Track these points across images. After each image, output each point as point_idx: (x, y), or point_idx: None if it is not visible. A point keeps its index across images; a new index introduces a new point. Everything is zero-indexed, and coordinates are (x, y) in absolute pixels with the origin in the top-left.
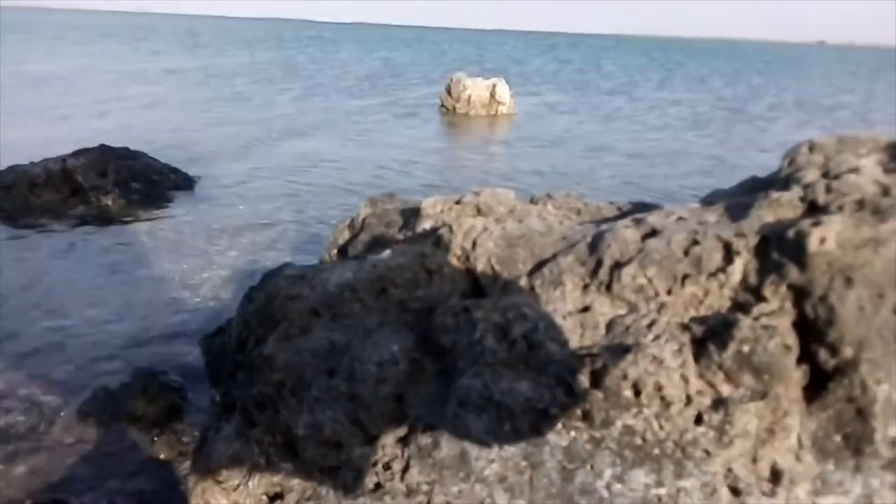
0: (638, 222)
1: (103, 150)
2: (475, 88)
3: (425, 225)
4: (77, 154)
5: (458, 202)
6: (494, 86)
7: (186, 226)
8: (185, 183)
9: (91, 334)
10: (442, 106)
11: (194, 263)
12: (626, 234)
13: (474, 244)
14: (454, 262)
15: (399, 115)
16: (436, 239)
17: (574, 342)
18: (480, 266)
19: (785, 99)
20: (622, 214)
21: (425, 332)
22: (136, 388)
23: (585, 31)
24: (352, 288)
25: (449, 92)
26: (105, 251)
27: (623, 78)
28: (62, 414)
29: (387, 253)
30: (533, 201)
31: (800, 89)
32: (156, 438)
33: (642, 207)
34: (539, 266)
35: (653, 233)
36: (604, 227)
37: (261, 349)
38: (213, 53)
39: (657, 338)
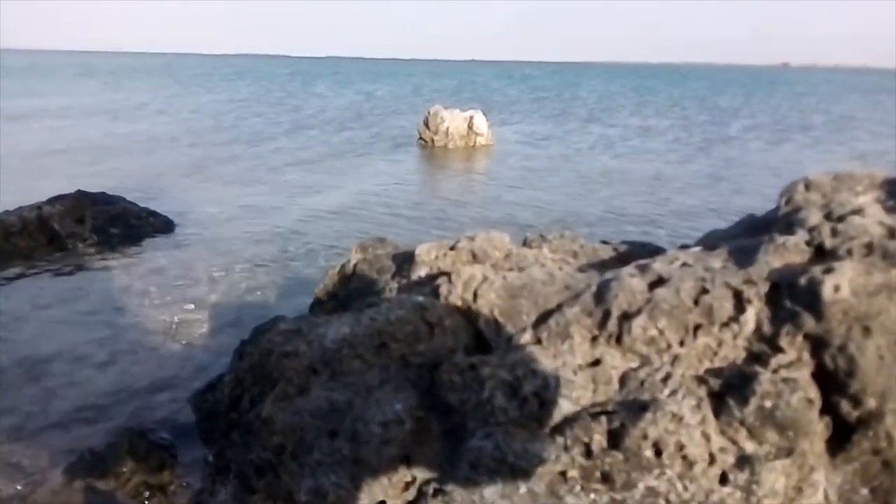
0: (643, 270)
1: (80, 195)
2: (453, 120)
3: (420, 272)
4: (53, 201)
5: (452, 248)
6: (472, 117)
7: (166, 271)
8: (164, 226)
9: (74, 390)
10: (420, 139)
11: (176, 310)
12: (633, 283)
13: (475, 295)
14: (455, 314)
15: (378, 149)
16: (434, 290)
17: (587, 398)
18: (483, 318)
19: (758, 120)
20: (619, 256)
21: (429, 388)
22: (123, 449)
23: (556, 60)
24: (350, 344)
25: (427, 124)
26: (84, 300)
27: (597, 105)
28: (48, 478)
29: (384, 305)
30: (526, 243)
31: (770, 110)
32: (146, 502)
33: (639, 248)
34: (544, 317)
35: (659, 281)
36: (608, 275)
37: (258, 410)
38: (189, 90)
39: (674, 393)
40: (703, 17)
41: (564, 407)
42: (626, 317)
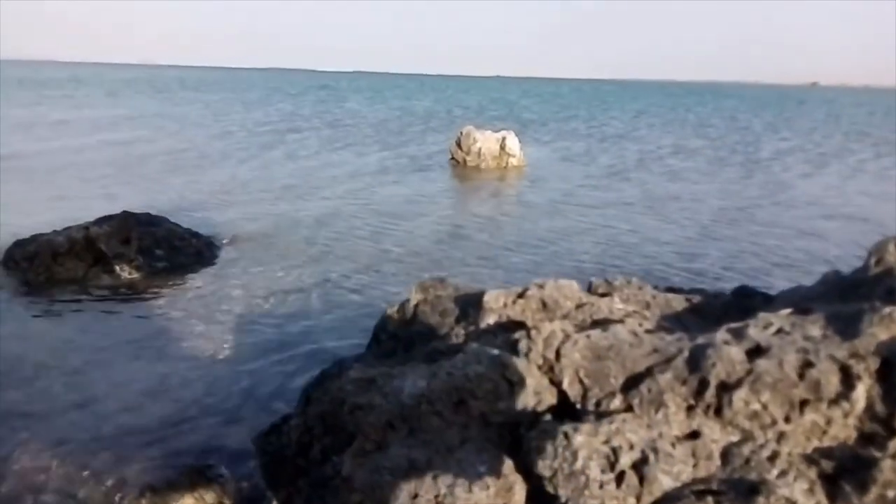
0: (738, 336)
1: (126, 216)
2: (485, 141)
3: (489, 320)
4: (100, 221)
5: (521, 296)
6: (504, 138)
7: (212, 295)
8: (207, 248)
9: (125, 418)
10: (452, 158)
11: (223, 337)
12: (731, 352)
13: (558, 354)
14: (536, 372)
15: (410, 169)
16: (512, 344)
17: (688, 474)
18: (567, 379)
19: (793, 143)
20: (693, 308)
21: (511, 449)
22: (184, 485)
23: (581, 77)
24: (428, 399)
25: (459, 145)
26: (131, 324)
27: (627, 124)
28: None
29: (460, 358)
30: (592, 290)
31: (803, 131)
32: None
33: (712, 298)
34: (633, 382)
35: (758, 350)
36: (700, 340)
37: (335, 464)
38: (217, 106)
39: (784, 473)
40: (730, 36)
41: (665, 482)
42: (725, 388)
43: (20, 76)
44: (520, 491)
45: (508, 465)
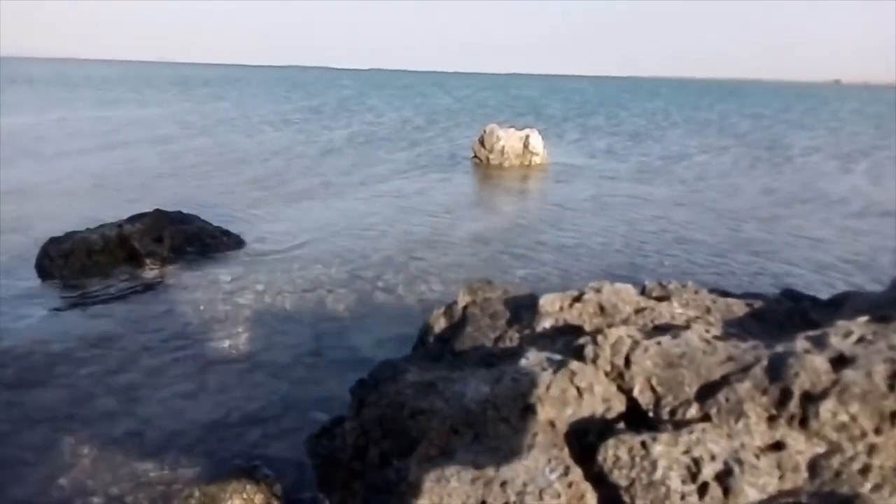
0: (818, 344)
1: (158, 214)
2: (508, 139)
3: (545, 324)
4: (133, 219)
5: (577, 299)
6: (528, 136)
7: (244, 294)
8: (237, 245)
9: (166, 420)
10: (475, 157)
11: (257, 336)
12: (815, 362)
13: (627, 361)
14: (603, 378)
15: (434, 168)
16: (576, 350)
17: (773, 486)
18: (638, 386)
19: (818, 142)
20: (754, 313)
21: (581, 457)
22: (232, 485)
23: (598, 74)
24: (494, 405)
25: (482, 143)
26: (166, 323)
27: (649, 122)
28: None
29: (523, 363)
30: (646, 293)
31: (827, 130)
32: None
33: (774, 304)
34: (708, 390)
35: (841, 359)
36: (778, 348)
37: (395, 469)
38: (245, 103)
39: (878, 487)
40: (750, 33)
41: (750, 494)
42: (810, 398)
43: (34, 74)
44: (591, 500)
45: (578, 472)
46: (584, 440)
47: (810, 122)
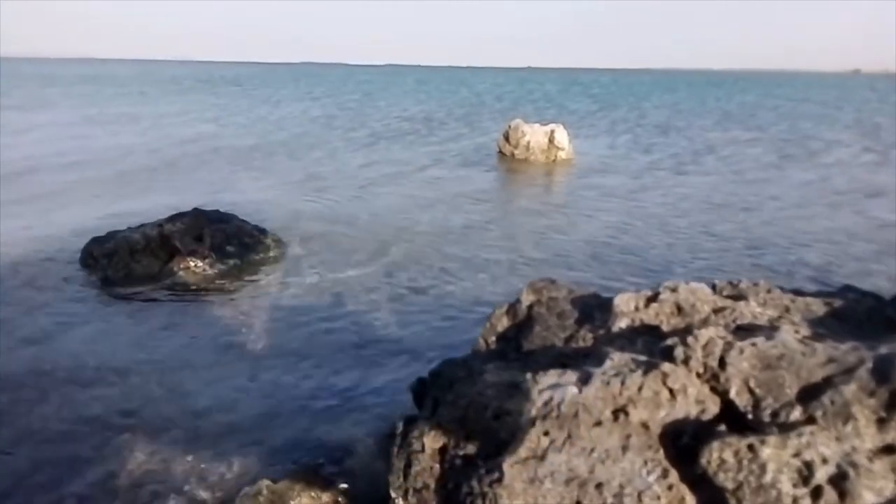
0: None
1: (197, 213)
2: (533, 134)
3: (620, 324)
4: (173, 219)
5: (653, 299)
6: (553, 131)
7: (284, 291)
8: (275, 244)
9: (221, 416)
10: (500, 152)
11: (303, 331)
12: None
13: (722, 362)
14: (696, 380)
15: (460, 164)
16: (665, 351)
17: (890, 490)
18: (735, 388)
19: (846, 133)
20: (834, 312)
21: (676, 459)
22: (299, 483)
23: (613, 66)
24: (585, 407)
25: (507, 138)
26: (210, 320)
27: (671, 115)
28: None
29: (609, 364)
30: (717, 291)
31: (853, 121)
32: None
33: (853, 303)
34: (810, 392)
35: None
36: (882, 349)
37: (480, 471)
38: (268, 100)
39: None
40: (769, 23)
41: (868, 499)
42: None
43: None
44: (691, 502)
45: (674, 474)
46: (679, 442)
47: (832, 113)
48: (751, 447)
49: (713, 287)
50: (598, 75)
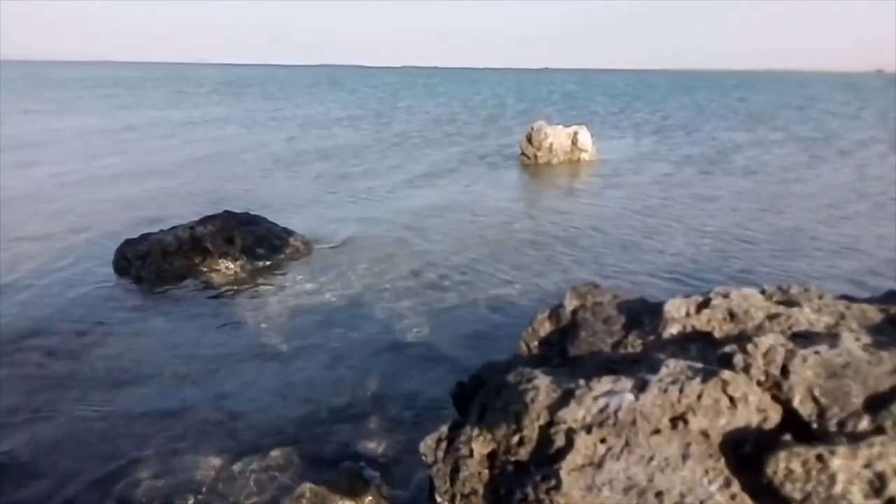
0: None
1: (227, 216)
2: (556, 136)
3: (672, 330)
4: (204, 221)
5: (705, 305)
6: (576, 133)
7: (315, 293)
8: (304, 246)
9: (258, 418)
10: (522, 154)
11: (335, 333)
12: None
13: (785, 371)
14: (757, 388)
15: (483, 166)
16: (723, 359)
17: None
18: (798, 397)
19: (872, 133)
20: (890, 319)
21: (738, 468)
22: (341, 487)
23: (630, 67)
24: (643, 414)
25: (529, 140)
26: (244, 321)
27: (694, 116)
28: None
29: (664, 371)
30: (766, 296)
31: (880, 120)
32: None
33: None
34: (878, 402)
35: None
36: None
37: (536, 479)
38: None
39: None
40: (789, 22)
41: None
42: None
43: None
44: None
45: (737, 484)
46: (740, 451)
47: (856, 113)
48: (820, 457)
49: (762, 292)
50: (614, 76)
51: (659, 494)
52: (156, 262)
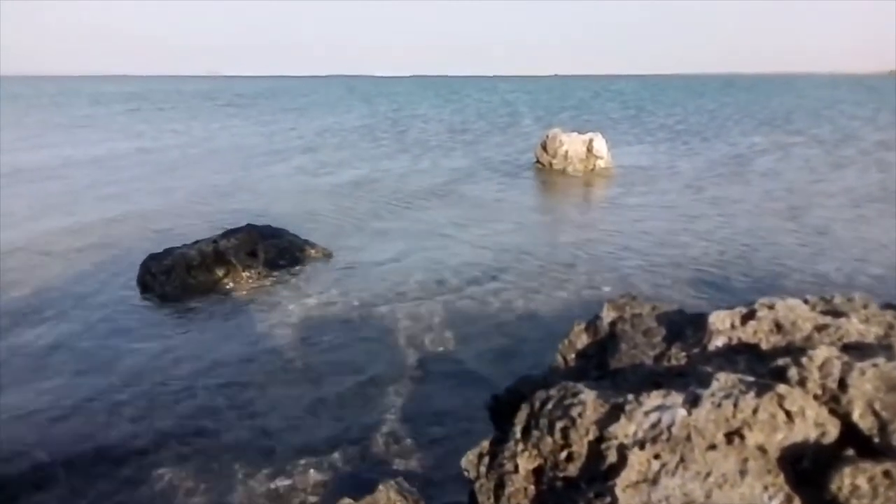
0: None
1: (250, 229)
2: (572, 144)
3: (717, 342)
4: (227, 235)
5: (750, 316)
6: (591, 140)
7: (339, 305)
8: (326, 258)
9: (291, 436)
10: (537, 162)
11: (362, 348)
12: None
13: (842, 384)
14: (813, 402)
15: (499, 174)
16: (776, 372)
17: None
18: (858, 411)
19: (890, 135)
20: None
21: (797, 482)
22: (381, 502)
23: (641, 73)
24: (697, 429)
25: (545, 148)
26: (270, 335)
27: (708, 121)
28: None
29: (717, 385)
30: (810, 305)
31: (891, 122)
32: None
33: None
34: None
35: None
36: None
37: (597, 494)
38: (303, 116)
39: None
40: (801, 24)
41: None
42: None
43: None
44: None
45: (798, 500)
46: (798, 466)
47: (871, 114)
48: (887, 473)
49: (805, 301)
50: (625, 81)
51: None
52: (180, 277)
